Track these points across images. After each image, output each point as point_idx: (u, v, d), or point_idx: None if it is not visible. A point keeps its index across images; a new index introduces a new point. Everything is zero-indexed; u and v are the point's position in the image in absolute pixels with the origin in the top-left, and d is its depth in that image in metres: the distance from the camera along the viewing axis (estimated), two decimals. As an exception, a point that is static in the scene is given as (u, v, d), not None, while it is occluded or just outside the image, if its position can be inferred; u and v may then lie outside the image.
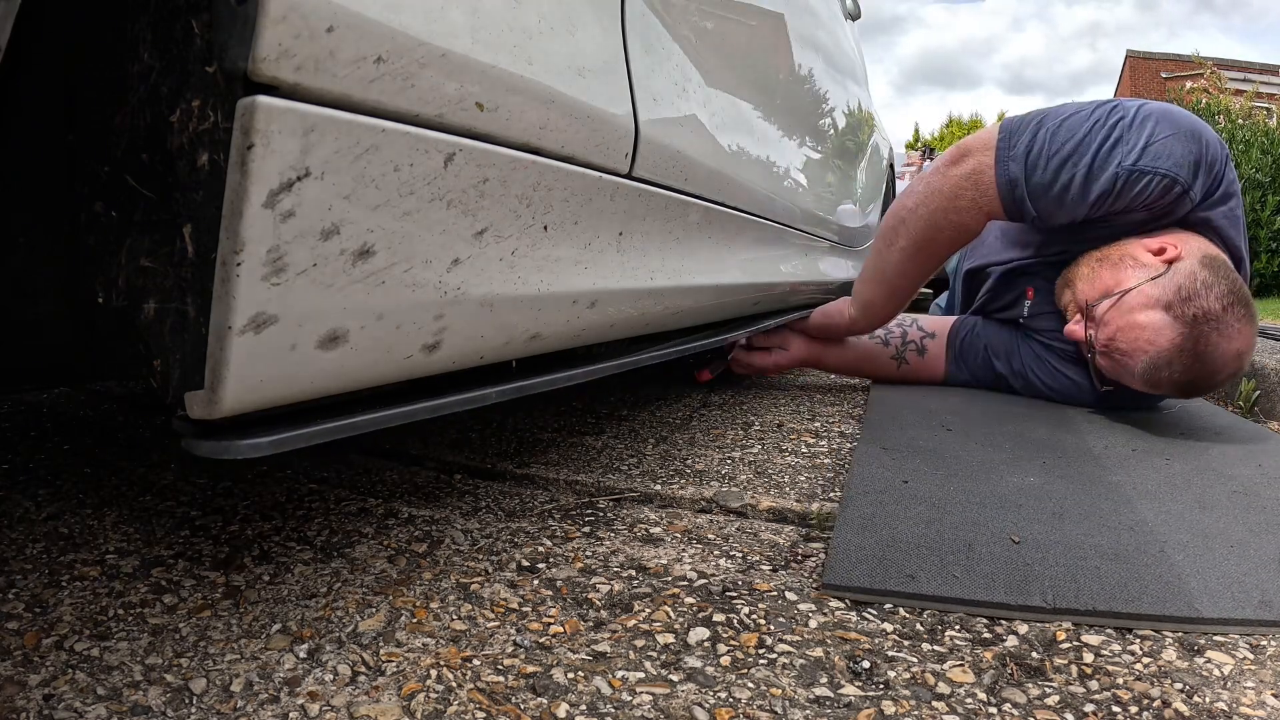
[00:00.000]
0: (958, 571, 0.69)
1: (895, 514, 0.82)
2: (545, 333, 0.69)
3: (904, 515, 0.81)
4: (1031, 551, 0.73)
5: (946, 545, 0.74)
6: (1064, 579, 0.68)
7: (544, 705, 0.50)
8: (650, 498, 0.91)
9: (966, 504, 0.86)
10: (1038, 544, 0.75)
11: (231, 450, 0.45)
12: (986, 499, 0.87)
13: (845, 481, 0.95)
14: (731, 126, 1.03)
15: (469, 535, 0.77)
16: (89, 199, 0.49)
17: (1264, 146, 5.90)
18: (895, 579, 0.68)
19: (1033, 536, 0.77)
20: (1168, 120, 1.20)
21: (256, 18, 0.37)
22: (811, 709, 0.51)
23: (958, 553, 0.73)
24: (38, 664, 0.51)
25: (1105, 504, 0.87)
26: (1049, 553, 0.73)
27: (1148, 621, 0.63)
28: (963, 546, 0.74)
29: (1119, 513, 0.84)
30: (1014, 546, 0.74)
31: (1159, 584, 0.68)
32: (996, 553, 0.73)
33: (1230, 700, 0.53)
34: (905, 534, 0.77)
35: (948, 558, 0.72)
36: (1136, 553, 0.74)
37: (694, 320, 1.10)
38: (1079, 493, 0.91)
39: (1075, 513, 0.84)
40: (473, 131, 0.52)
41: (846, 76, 1.93)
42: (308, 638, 0.57)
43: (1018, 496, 0.89)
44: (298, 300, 0.44)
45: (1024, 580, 0.68)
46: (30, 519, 0.75)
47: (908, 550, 0.73)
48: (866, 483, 0.92)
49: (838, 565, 0.70)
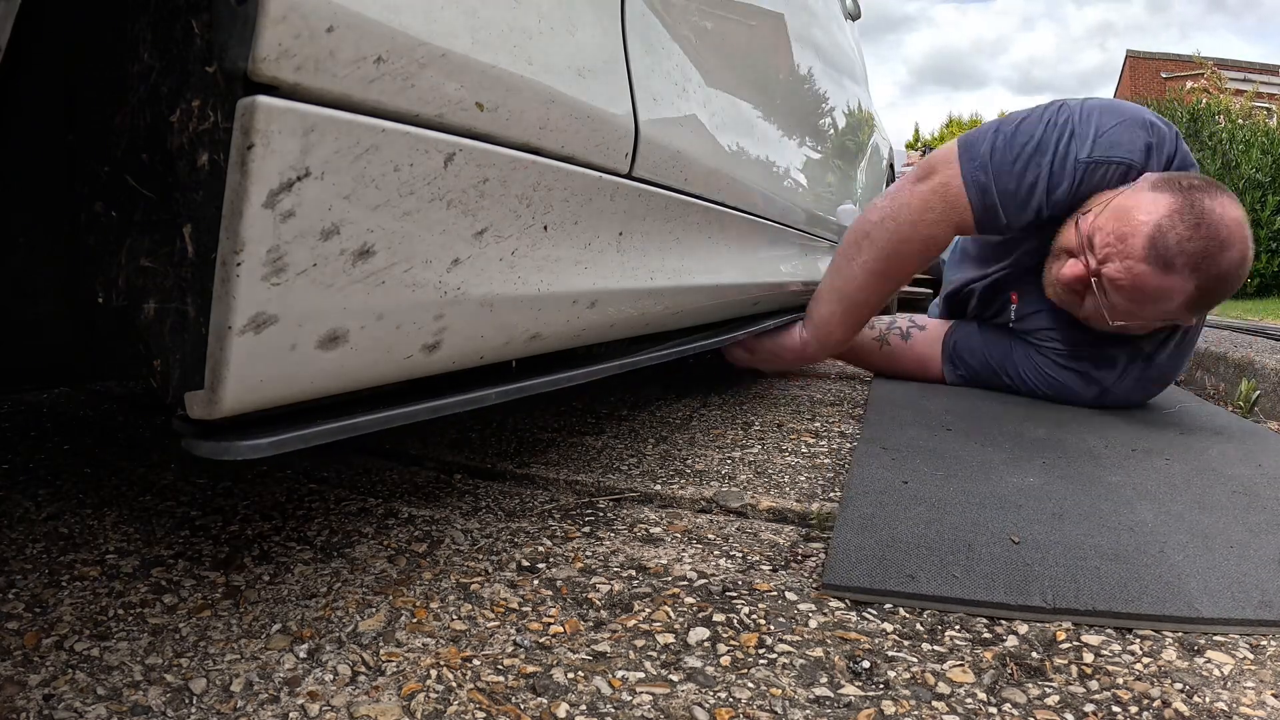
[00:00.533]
0: (958, 571, 0.69)
1: (895, 514, 0.81)
2: (545, 333, 0.69)
3: (904, 515, 0.81)
4: (1031, 552, 0.73)
5: (946, 545, 0.74)
6: (1064, 579, 0.68)
7: (544, 705, 0.50)
8: (650, 498, 0.91)
9: (966, 504, 0.85)
10: (1037, 544, 0.75)
11: (231, 451, 0.45)
12: (986, 499, 0.87)
13: (845, 481, 0.95)
14: (731, 126, 1.03)
15: (469, 535, 0.77)
16: (89, 199, 0.49)
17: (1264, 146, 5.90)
18: (895, 579, 0.68)
19: (1032, 537, 0.76)
20: (1112, 112, 1.27)
21: (256, 18, 0.37)
22: (811, 709, 0.51)
23: (957, 553, 0.73)
24: (38, 664, 0.51)
25: (1105, 504, 0.87)
26: (1049, 553, 0.73)
27: (1148, 621, 0.63)
28: (962, 547, 0.74)
29: (1119, 513, 0.84)
30: (1014, 547, 0.74)
31: (1159, 584, 0.67)
32: (996, 553, 0.73)
33: (1230, 700, 0.53)
34: (905, 534, 0.76)
35: (947, 558, 0.72)
36: (1136, 553, 0.73)
37: (694, 320, 1.10)
38: (1079, 493, 0.90)
39: (1075, 513, 0.83)
40: (473, 131, 0.52)
41: (846, 76, 1.93)
42: (308, 638, 0.57)
43: (1017, 497, 0.88)
44: (298, 300, 0.44)
45: (1024, 580, 0.68)
46: (30, 519, 0.75)
47: (907, 550, 0.73)
48: (866, 483, 0.92)
49: (838, 565, 0.70)
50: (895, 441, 1.11)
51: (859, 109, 2.12)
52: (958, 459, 1.03)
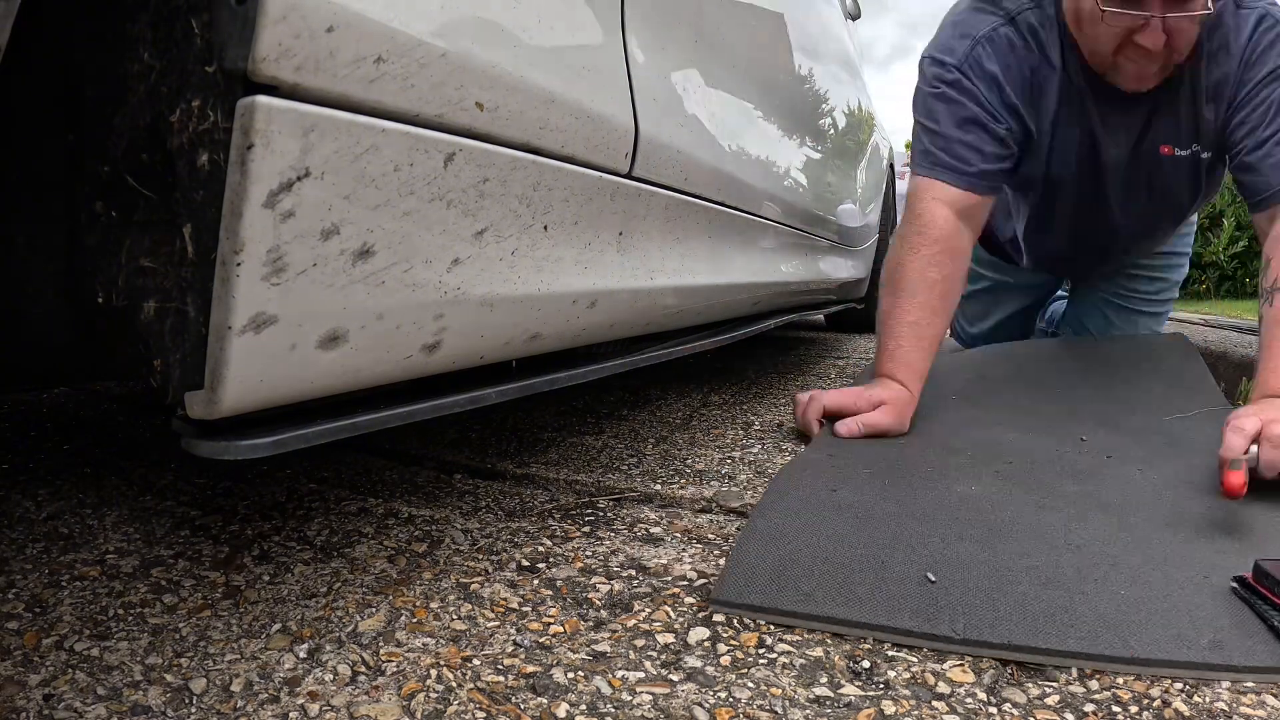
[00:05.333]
0: (863, 592, 0.63)
1: (810, 525, 0.74)
2: (545, 333, 0.69)
3: (820, 527, 0.73)
4: (954, 572, 0.65)
5: (857, 562, 0.67)
6: (982, 606, 0.61)
7: (544, 705, 0.50)
8: (650, 498, 0.91)
9: (895, 516, 0.76)
10: (962, 563, 0.67)
11: (231, 450, 0.45)
12: (921, 510, 0.78)
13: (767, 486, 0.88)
14: (731, 126, 1.03)
15: (469, 535, 0.77)
16: (89, 199, 0.49)
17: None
18: (790, 598, 0.62)
19: (958, 555, 0.68)
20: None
21: (256, 17, 0.37)
22: (811, 709, 0.51)
23: (867, 570, 0.66)
24: (38, 664, 0.51)
25: (1053, 518, 0.77)
26: (971, 573, 0.65)
27: (1073, 659, 0.56)
28: (875, 564, 0.67)
29: (1068, 528, 0.75)
30: (931, 565, 0.67)
31: (1093, 615, 0.59)
32: (911, 572, 0.65)
33: (1230, 700, 0.53)
34: (813, 548, 0.69)
35: (855, 576, 0.65)
36: (1075, 578, 0.65)
37: (694, 320, 1.10)
38: (1026, 505, 0.81)
39: (1017, 528, 0.74)
40: (473, 131, 0.52)
41: (846, 76, 1.93)
42: (308, 637, 0.57)
43: (958, 507, 0.79)
44: (298, 300, 0.44)
45: (933, 606, 0.61)
46: (30, 519, 0.75)
47: (811, 566, 0.66)
48: (788, 489, 0.83)
49: (730, 580, 0.65)
50: (841, 444, 1.02)
51: (859, 108, 2.12)
52: (909, 462, 0.94)
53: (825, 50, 1.66)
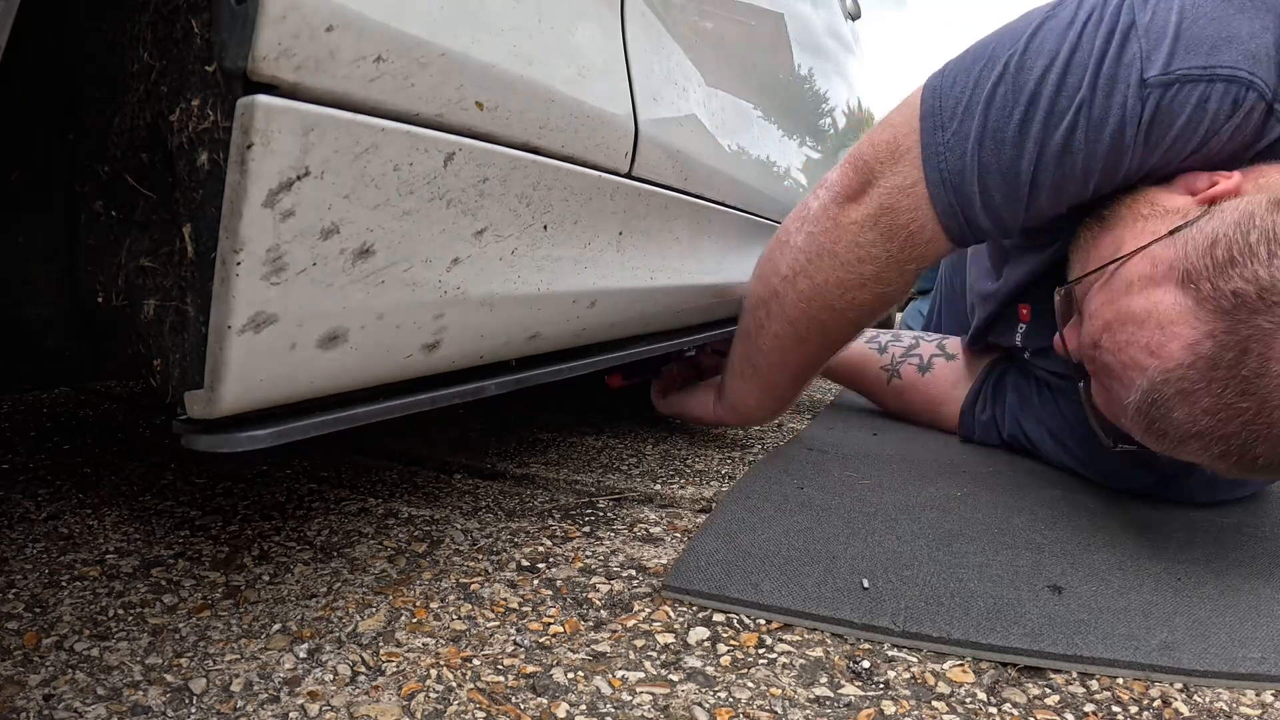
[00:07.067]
0: (809, 584, 0.65)
1: (769, 519, 0.76)
2: (545, 332, 0.69)
3: (778, 522, 0.75)
4: (901, 569, 0.67)
5: (808, 556, 0.69)
6: (925, 601, 0.62)
7: (544, 705, 0.50)
8: (650, 498, 0.91)
9: (856, 514, 0.77)
10: (914, 560, 0.68)
11: (230, 442, 0.45)
12: (882, 509, 0.79)
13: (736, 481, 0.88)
14: (731, 126, 1.03)
15: (469, 535, 0.77)
16: (89, 199, 0.49)
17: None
18: (737, 586, 0.64)
19: (911, 552, 0.70)
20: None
21: (256, 17, 0.37)
22: (811, 709, 0.51)
23: (816, 564, 0.68)
24: (38, 664, 0.51)
25: (1019, 519, 0.77)
26: (920, 571, 0.66)
27: (1018, 656, 0.57)
28: (825, 558, 0.69)
29: (1032, 529, 0.74)
30: (880, 562, 0.68)
31: (1040, 614, 0.60)
32: (860, 566, 0.67)
33: (1230, 700, 0.53)
34: (768, 540, 0.72)
35: (804, 569, 0.67)
36: (1030, 575, 0.65)
37: (694, 319, 1.10)
38: (995, 507, 0.81)
39: (978, 527, 0.75)
40: (473, 131, 0.52)
41: (846, 76, 1.93)
42: (308, 638, 0.57)
43: (921, 508, 0.79)
44: (297, 300, 0.44)
45: (876, 599, 0.63)
46: (30, 519, 0.75)
47: (763, 558, 0.68)
48: (754, 485, 0.84)
49: (684, 568, 0.67)
50: (825, 442, 1.02)
51: (859, 108, 2.12)
52: (883, 463, 0.94)
53: (825, 50, 1.66)
